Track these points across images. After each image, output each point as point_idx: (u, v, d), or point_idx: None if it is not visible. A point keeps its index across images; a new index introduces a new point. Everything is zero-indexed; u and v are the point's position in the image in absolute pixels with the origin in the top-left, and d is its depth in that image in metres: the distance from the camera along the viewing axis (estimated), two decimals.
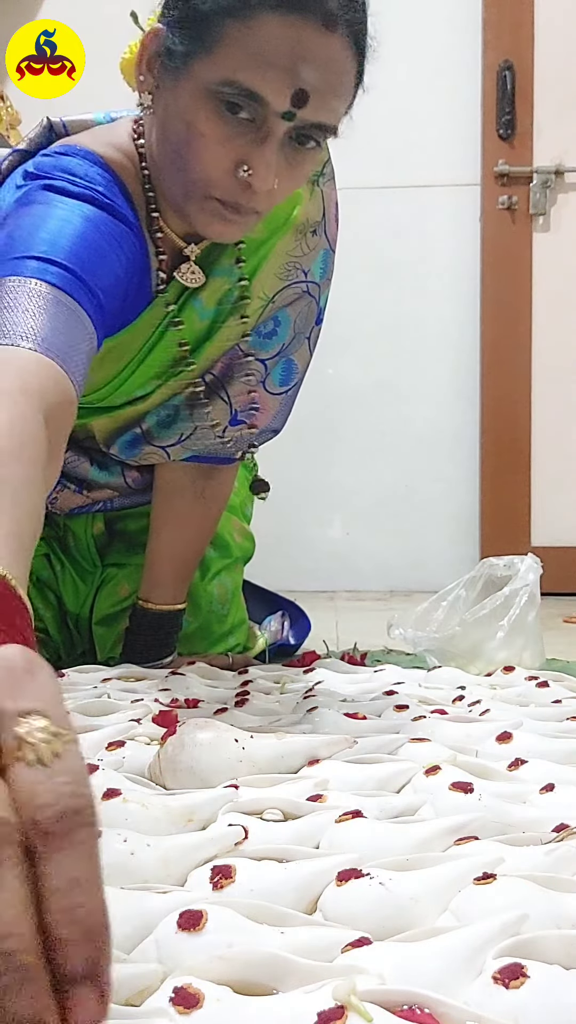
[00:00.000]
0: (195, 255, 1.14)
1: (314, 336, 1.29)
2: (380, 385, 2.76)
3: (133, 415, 1.25)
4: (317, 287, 1.24)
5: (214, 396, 1.23)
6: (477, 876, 0.58)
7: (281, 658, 1.51)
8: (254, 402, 1.25)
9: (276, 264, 1.18)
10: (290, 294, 1.21)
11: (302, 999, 0.45)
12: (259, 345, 1.22)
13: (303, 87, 0.93)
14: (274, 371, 1.25)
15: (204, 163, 0.97)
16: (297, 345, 1.26)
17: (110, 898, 0.57)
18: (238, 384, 1.23)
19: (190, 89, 0.96)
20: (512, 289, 2.68)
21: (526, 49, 2.63)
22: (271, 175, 0.96)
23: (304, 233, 1.19)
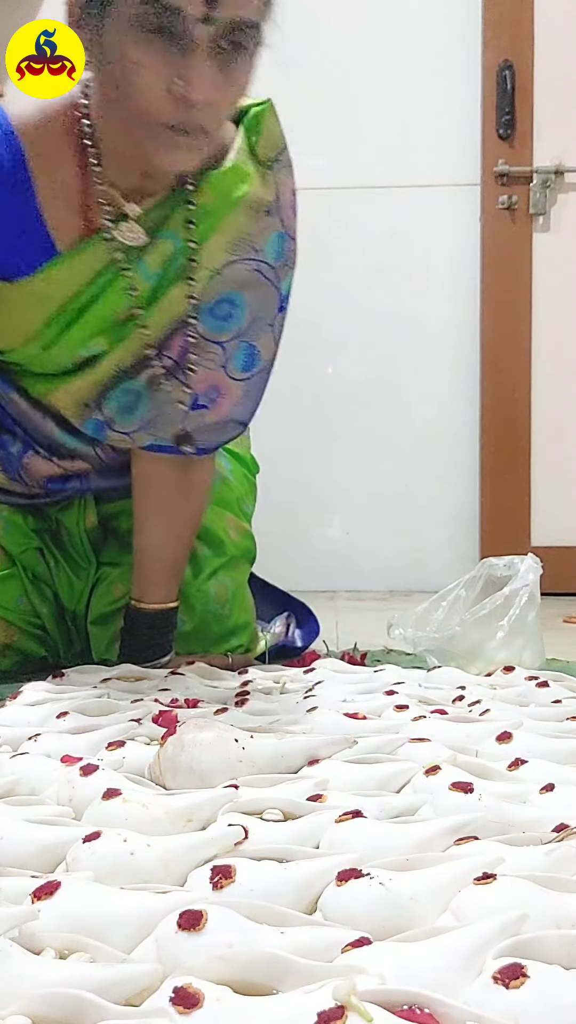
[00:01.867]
0: (135, 214, 1.16)
1: (278, 324, 1.28)
2: (380, 385, 2.76)
3: (88, 389, 1.24)
4: (273, 270, 1.23)
5: (173, 379, 1.23)
6: (477, 876, 0.58)
7: (281, 658, 1.50)
8: (214, 386, 1.25)
9: (226, 238, 1.19)
10: (242, 271, 1.21)
11: (302, 999, 0.45)
12: (215, 328, 1.22)
13: None
14: (235, 355, 1.25)
15: (142, 90, 1.00)
16: (258, 330, 1.25)
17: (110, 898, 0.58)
18: (198, 368, 1.23)
19: (113, 27, 1.00)
20: (512, 289, 2.68)
21: (526, 49, 2.63)
22: (204, 83, 0.99)
23: (256, 211, 1.19)
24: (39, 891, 0.58)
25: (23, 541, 1.48)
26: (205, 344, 1.22)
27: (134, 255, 1.18)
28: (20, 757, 0.87)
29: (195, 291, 1.20)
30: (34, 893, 0.58)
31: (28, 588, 1.48)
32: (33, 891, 0.58)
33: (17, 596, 1.47)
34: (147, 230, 1.17)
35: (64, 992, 0.47)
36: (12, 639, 1.47)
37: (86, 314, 1.20)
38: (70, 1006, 0.47)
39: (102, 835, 0.65)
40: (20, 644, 1.48)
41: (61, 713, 1.01)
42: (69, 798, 0.78)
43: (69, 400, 1.27)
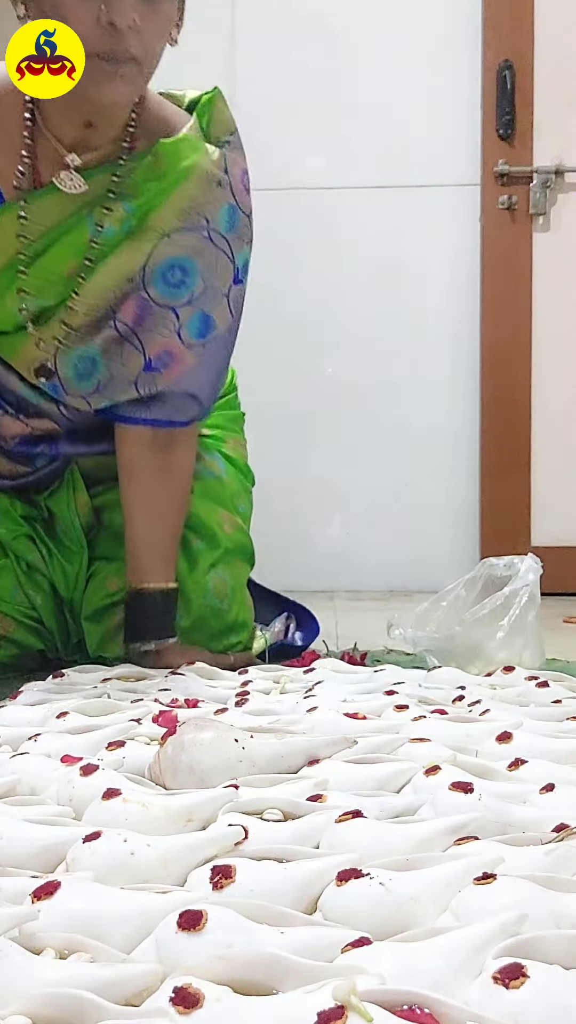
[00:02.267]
0: (75, 163, 1.23)
1: (234, 296, 1.33)
2: (380, 384, 2.76)
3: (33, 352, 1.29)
4: (225, 240, 1.30)
5: (126, 343, 1.28)
6: (477, 876, 0.58)
7: (281, 658, 1.51)
8: (168, 351, 1.30)
9: (177, 205, 1.26)
10: (193, 239, 1.28)
11: (302, 999, 0.45)
12: (168, 293, 1.28)
13: None
14: (188, 322, 1.30)
15: (72, 23, 1.11)
16: (211, 299, 1.31)
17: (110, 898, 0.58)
18: (152, 333, 1.28)
19: None
20: (512, 289, 2.68)
21: (526, 49, 2.63)
22: (127, 9, 1.10)
23: (207, 182, 1.27)
24: (39, 891, 0.58)
25: (13, 528, 1.48)
26: (159, 309, 1.27)
27: (85, 212, 1.25)
28: (20, 757, 0.87)
29: (140, 252, 1.26)
30: (34, 893, 0.58)
31: (22, 579, 1.48)
32: (33, 891, 0.58)
33: (12, 587, 1.47)
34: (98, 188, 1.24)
35: (64, 992, 0.47)
36: (8, 631, 1.48)
37: (35, 264, 1.25)
38: (70, 1006, 0.47)
39: (102, 835, 0.65)
40: (16, 636, 1.48)
41: (61, 713, 1.01)
42: (69, 798, 0.78)
43: (28, 360, 1.31)
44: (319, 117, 2.69)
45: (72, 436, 1.42)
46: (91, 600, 1.49)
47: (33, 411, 1.38)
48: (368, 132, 2.71)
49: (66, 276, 1.26)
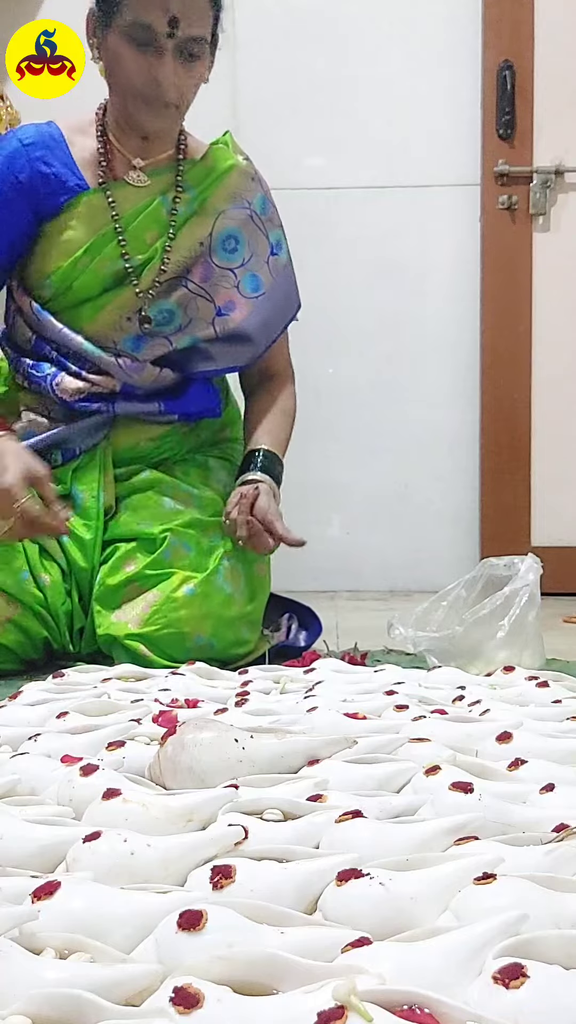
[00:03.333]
0: (140, 165, 1.64)
1: (273, 264, 1.72)
2: (380, 385, 2.75)
3: (131, 302, 1.62)
4: (261, 220, 1.70)
5: (198, 297, 1.65)
6: (477, 876, 0.58)
7: (281, 658, 1.51)
8: (231, 301, 1.67)
9: (226, 190, 1.67)
10: (239, 215, 1.67)
11: (302, 999, 0.45)
12: (226, 259, 1.67)
13: (174, 14, 1.48)
14: (243, 280, 1.68)
15: (128, 76, 1.54)
16: (257, 264, 1.70)
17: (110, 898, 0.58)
18: (218, 287, 1.66)
19: (112, 38, 1.53)
20: (512, 289, 2.67)
21: (526, 49, 2.63)
22: (170, 73, 1.52)
23: (245, 176, 1.69)
24: (39, 891, 0.58)
25: None
26: (219, 271, 1.66)
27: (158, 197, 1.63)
28: (20, 757, 0.87)
29: (205, 225, 1.65)
30: (34, 893, 0.58)
31: (32, 561, 1.50)
32: (33, 891, 0.58)
33: (21, 570, 1.50)
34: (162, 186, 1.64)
35: (64, 992, 0.47)
36: (14, 614, 1.49)
37: (127, 232, 1.62)
38: (70, 1006, 0.47)
39: (102, 835, 0.65)
40: (22, 621, 1.50)
41: (61, 713, 1.01)
42: (69, 798, 0.78)
43: (115, 314, 1.62)
44: (319, 117, 2.68)
45: (127, 395, 1.65)
46: (105, 580, 1.52)
47: (93, 368, 1.63)
48: (368, 132, 2.71)
49: (148, 242, 1.62)
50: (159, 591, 1.50)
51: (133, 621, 1.48)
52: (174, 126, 1.64)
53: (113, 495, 1.60)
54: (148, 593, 1.50)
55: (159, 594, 1.50)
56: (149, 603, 1.49)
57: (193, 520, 1.57)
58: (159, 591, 1.50)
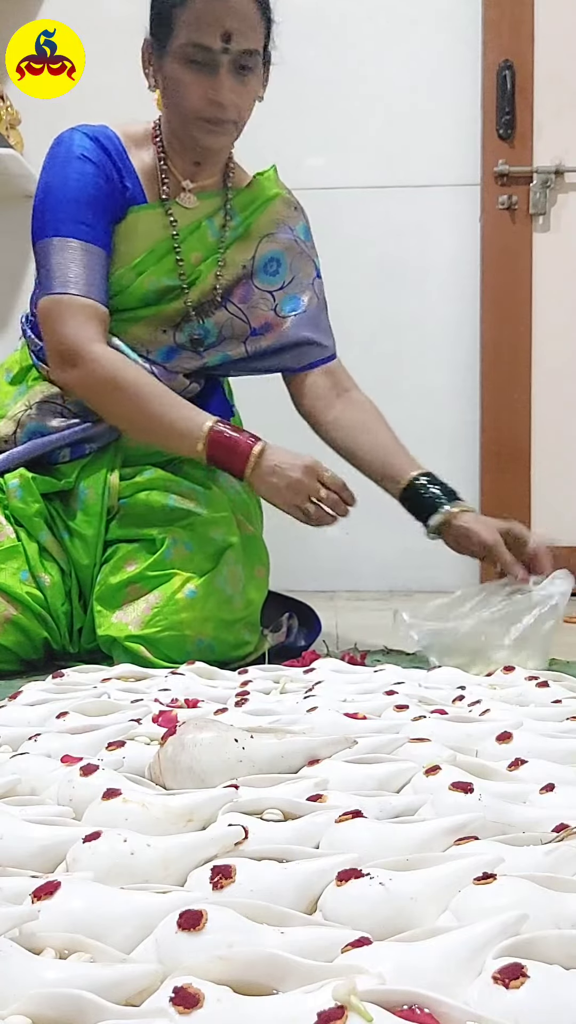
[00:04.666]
0: (189, 187, 1.66)
1: (317, 287, 1.76)
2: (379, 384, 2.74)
3: (171, 317, 1.65)
4: (304, 244, 1.74)
5: (235, 318, 1.69)
6: (477, 876, 0.58)
7: (281, 658, 1.51)
8: (267, 322, 1.71)
9: (270, 217, 1.71)
10: (283, 239, 1.71)
11: (302, 999, 0.45)
12: (267, 281, 1.70)
13: (228, 30, 1.50)
14: (282, 302, 1.72)
15: (188, 98, 1.55)
16: (299, 286, 1.73)
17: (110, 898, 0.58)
18: (255, 310, 1.70)
19: (170, 61, 1.54)
20: (512, 289, 2.68)
21: (526, 49, 2.63)
22: (226, 90, 1.53)
23: (287, 205, 1.74)
24: (39, 891, 0.58)
25: (32, 503, 1.54)
26: (259, 293, 1.70)
27: (205, 220, 1.66)
28: (20, 757, 0.87)
29: (248, 249, 1.69)
30: (34, 893, 0.58)
31: (32, 562, 1.50)
32: (33, 891, 0.58)
33: (21, 570, 1.50)
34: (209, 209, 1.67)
35: (64, 992, 0.47)
36: (13, 615, 1.49)
37: (173, 253, 1.63)
38: (70, 1006, 0.47)
39: (102, 835, 0.65)
40: (21, 621, 1.50)
41: (61, 713, 1.01)
42: (69, 798, 0.78)
43: (153, 326, 1.65)
44: (319, 117, 2.69)
45: None
46: (106, 580, 1.52)
47: None
48: (368, 132, 2.71)
49: (193, 263, 1.65)
50: (160, 593, 1.50)
51: (134, 623, 1.48)
52: (231, 143, 1.65)
53: (118, 494, 1.60)
54: (149, 595, 1.50)
55: (160, 596, 1.50)
56: (150, 605, 1.49)
57: (196, 519, 1.57)
58: (160, 593, 1.50)
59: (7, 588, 1.49)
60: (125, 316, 1.62)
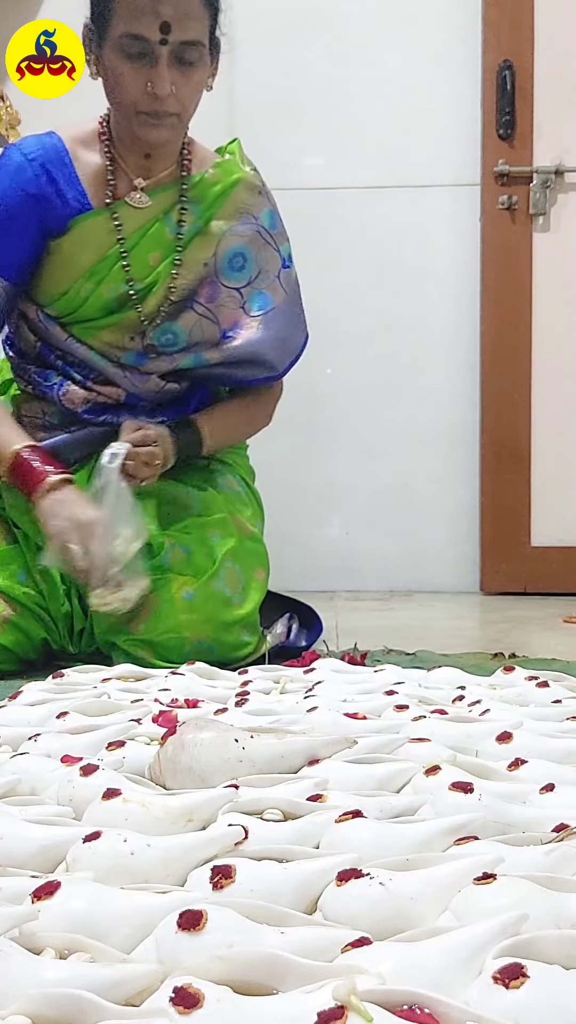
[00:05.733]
0: (141, 185, 1.59)
1: (284, 278, 1.68)
2: (380, 385, 2.76)
3: (135, 323, 1.59)
4: (270, 234, 1.66)
5: (204, 319, 1.62)
6: (477, 876, 0.58)
7: (281, 658, 1.51)
8: (237, 322, 1.64)
9: (232, 206, 1.62)
10: (245, 231, 1.63)
11: (302, 999, 0.45)
12: (233, 277, 1.63)
13: (165, 19, 1.44)
14: (250, 299, 1.65)
15: (126, 91, 1.49)
16: (265, 280, 1.66)
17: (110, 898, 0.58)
18: (224, 308, 1.63)
19: (108, 52, 1.49)
20: (512, 289, 2.68)
21: (526, 49, 2.63)
22: (166, 83, 1.46)
23: (251, 190, 1.64)
24: (39, 891, 0.58)
25: (27, 508, 1.52)
26: (226, 291, 1.63)
27: (162, 216, 1.59)
28: (20, 757, 0.87)
29: (209, 245, 1.60)
30: (34, 893, 0.58)
31: (31, 562, 1.50)
32: (33, 891, 0.58)
33: (19, 571, 1.50)
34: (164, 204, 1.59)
35: (64, 992, 0.47)
36: (12, 615, 1.49)
37: (131, 255, 1.58)
38: (70, 1006, 0.47)
39: (102, 835, 0.65)
40: (20, 622, 1.50)
41: (61, 713, 1.01)
42: (69, 798, 0.78)
43: (115, 335, 1.60)
44: (319, 117, 2.69)
45: (132, 408, 1.64)
46: None
47: (99, 378, 1.62)
48: (368, 132, 2.71)
49: (152, 264, 1.59)
50: (159, 595, 1.50)
51: (133, 626, 1.48)
52: (177, 138, 1.58)
53: None
54: (148, 597, 1.50)
55: (158, 598, 1.50)
56: (149, 608, 1.49)
57: (192, 522, 1.57)
58: (159, 595, 1.50)
59: (5, 589, 1.49)
60: (90, 325, 1.60)
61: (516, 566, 2.69)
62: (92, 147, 1.59)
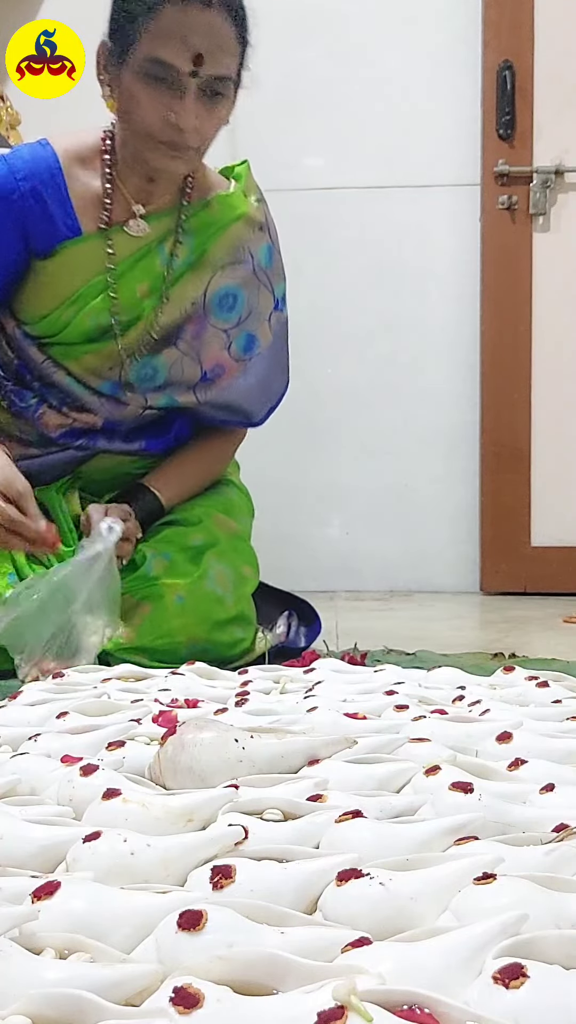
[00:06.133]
0: (140, 212, 1.51)
1: (274, 320, 1.62)
2: (380, 385, 2.76)
3: (113, 355, 1.54)
4: (265, 274, 1.59)
5: (186, 357, 1.56)
6: (477, 876, 0.58)
7: (281, 658, 1.51)
8: (220, 364, 1.58)
9: (228, 243, 1.55)
10: (241, 272, 1.56)
11: (302, 999, 0.45)
12: (222, 317, 1.57)
13: (198, 51, 1.35)
14: (236, 340, 1.58)
15: (145, 118, 1.39)
16: (255, 321, 1.59)
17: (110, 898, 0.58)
18: (208, 348, 1.57)
19: (128, 73, 1.39)
20: (512, 289, 2.68)
21: (526, 49, 2.63)
22: (191, 116, 1.38)
23: (251, 226, 1.57)
24: (39, 891, 0.58)
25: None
26: (213, 330, 1.56)
27: (155, 245, 1.52)
28: (20, 757, 0.87)
29: (200, 282, 1.54)
30: (34, 893, 0.58)
31: (19, 563, 1.51)
32: (33, 891, 0.58)
33: (8, 573, 1.49)
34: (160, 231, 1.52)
35: (64, 992, 0.47)
36: None
37: (119, 284, 1.51)
38: (70, 1006, 0.47)
39: (102, 835, 0.65)
40: None
41: (61, 713, 1.01)
42: (69, 798, 0.78)
43: (94, 362, 1.54)
44: (319, 117, 2.69)
45: (110, 433, 1.60)
46: None
47: (76, 405, 1.57)
48: (368, 132, 2.72)
49: (139, 296, 1.53)
50: (149, 603, 1.49)
51: (126, 635, 1.47)
52: (191, 168, 1.51)
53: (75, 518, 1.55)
54: (139, 605, 1.49)
55: (150, 606, 1.49)
56: (141, 616, 1.48)
57: (169, 530, 1.56)
58: (149, 603, 1.49)
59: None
60: (69, 348, 1.55)
61: (516, 566, 2.69)
62: (91, 166, 1.51)
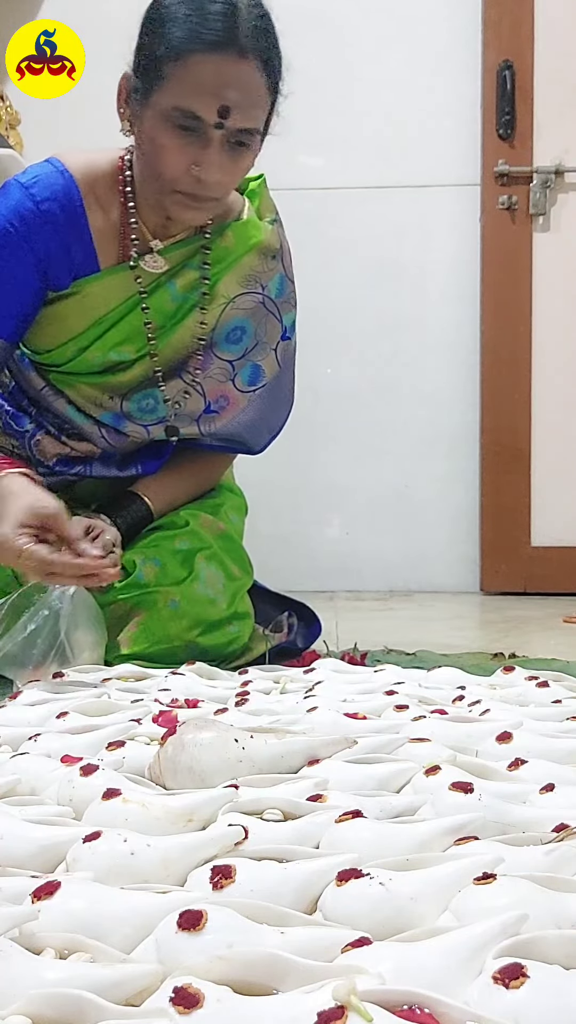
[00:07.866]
0: (157, 248, 1.46)
1: (281, 350, 1.57)
2: (380, 385, 2.76)
3: (114, 387, 1.50)
4: (275, 304, 1.54)
5: (191, 389, 1.53)
6: (477, 876, 0.58)
7: (281, 658, 1.51)
8: (224, 395, 1.55)
9: (240, 273, 1.50)
10: (249, 302, 1.52)
11: (302, 999, 0.45)
12: (228, 349, 1.53)
13: (226, 103, 1.28)
14: (241, 372, 1.55)
15: (166, 167, 1.33)
16: (262, 352, 1.55)
17: (110, 898, 0.58)
18: (212, 380, 1.53)
19: (151, 116, 1.32)
20: (512, 289, 2.68)
21: (526, 49, 2.63)
22: (215, 169, 1.32)
23: (265, 256, 1.52)
24: (39, 891, 0.58)
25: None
26: (219, 362, 1.53)
27: (163, 279, 1.48)
28: (20, 757, 0.87)
29: (208, 318, 1.50)
30: (34, 893, 0.58)
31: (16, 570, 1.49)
32: (33, 891, 0.58)
33: (7, 575, 1.48)
34: (174, 263, 1.47)
35: (64, 992, 0.47)
36: None
37: (120, 324, 1.47)
38: (70, 1006, 0.47)
39: (102, 835, 0.65)
40: None
41: (61, 713, 1.01)
42: (69, 798, 0.78)
43: (95, 392, 1.50)
44: (319, 117, 2.69)
45: (106, 460, 1.56)
46: None
47: (75, 434, 1.54)
48: (368, 132, 2.72)
49: (149, 331, 1.48)
50: (143, 610, 1.49)
51: (123, 643, 1.45)
52: (211, 216, 1.45)
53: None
54: (134, 613, 1.48)
55: (144, 612, 1.49)
56: (136, 623, 1.48)
57: (156, 536, 1.55)
58: (143, 610, 1.49)
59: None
60: (71, 378, 1.51)
61: (516, 566, 2.69)
62: (109, 196, 1.45)
